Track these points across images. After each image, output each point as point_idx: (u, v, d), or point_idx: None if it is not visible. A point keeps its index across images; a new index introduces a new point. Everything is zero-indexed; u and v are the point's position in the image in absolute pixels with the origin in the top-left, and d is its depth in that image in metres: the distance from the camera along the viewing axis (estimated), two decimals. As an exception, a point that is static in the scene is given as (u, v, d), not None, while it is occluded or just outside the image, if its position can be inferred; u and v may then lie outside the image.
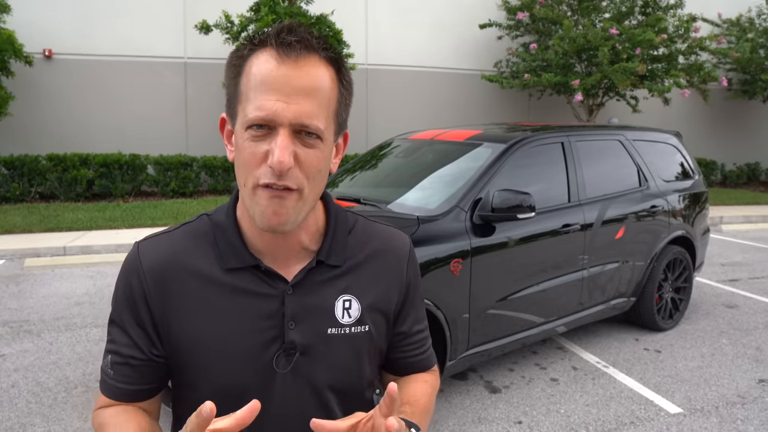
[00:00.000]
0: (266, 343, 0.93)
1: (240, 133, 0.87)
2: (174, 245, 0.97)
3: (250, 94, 0.85)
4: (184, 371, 0.96)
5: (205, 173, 10.43)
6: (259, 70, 0.84)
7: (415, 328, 1.10)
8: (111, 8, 10.30)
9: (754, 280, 6.20)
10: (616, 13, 11.54)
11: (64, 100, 10.21)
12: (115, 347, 0.96)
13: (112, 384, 0.96)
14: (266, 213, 0.86)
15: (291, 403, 0.95)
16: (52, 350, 4.01)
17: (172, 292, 0.94)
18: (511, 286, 3.42)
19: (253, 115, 0.83)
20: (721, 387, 3.64)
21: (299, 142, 0.85)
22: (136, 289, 0.94)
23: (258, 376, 0.93)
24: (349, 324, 0.97)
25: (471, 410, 3.30)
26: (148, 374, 0.97)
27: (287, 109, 0.83)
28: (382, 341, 1.04)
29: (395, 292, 1.04)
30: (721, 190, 13.32)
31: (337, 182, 4.30)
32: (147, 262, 0.95)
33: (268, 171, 0.84)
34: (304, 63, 0.84)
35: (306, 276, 0.95)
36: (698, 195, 4.95)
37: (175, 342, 0.94)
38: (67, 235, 7.41)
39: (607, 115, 12.76)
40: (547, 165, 3.88)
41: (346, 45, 9.80)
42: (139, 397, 0.98)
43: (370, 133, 11.80)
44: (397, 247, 1.06)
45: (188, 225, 1.00)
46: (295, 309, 0.94)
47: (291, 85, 0.83)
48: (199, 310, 0.93)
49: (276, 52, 0.84)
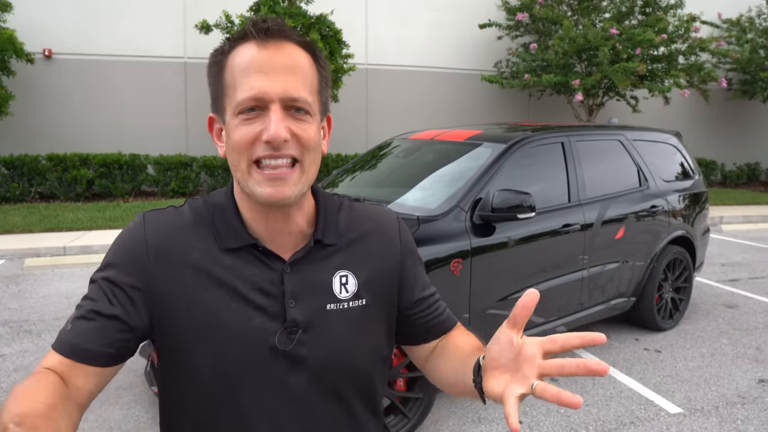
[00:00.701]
0: (267, 321, 0.93)
1: (231, 122, 0.89)
2: (178, 220, 0.97)
3: (237, 81, 0.87)
4: (180, 352, 0.93)
5: (205, 173, 10.43)
6: (242, 59, 0.88)
7: (425, 293, 1.09)
8: (111, 8, 10.30)
9: (754, 280, 6.20)
10: (616, 13, 11.54)
11: (64, 100, 10.21)
12: (89, 304, 0.90)
13: (66, 339, 0.88)
14: (266, 190, 0.87)
15: (293, 381, 0.94)
16: (52, 350, 4.01)
17: (172, 266, 0.93)
18: (512, 286, 3.42)
19: (242, 97, 0.86)
20: (721, 387, 3.64)
21: (291, 118, 0.87)
22: (137, 254, 0.92)
23: (260, 354, 0.92)
24: (347, 299, 0.98)
25: (471, 410, 3.30)
26: (112, 336, 0.88)
27: (274, 85, 0.85)
28: (387, 317, 1.04)
29: (393, 266, 1.05)
30: (721, 190, 13.32)
31: (337, 182, 4.29)
32: (151, 232, 0.94)
33: (263, 146, 0.86)
34: (283, 45, 0.88)
35: (304, 255, 0.97)
36: (698, 195, 4.95)
37: (172, 319, 0.92)
38: (67, 235, 7.41)
39: (607, 115, 12.76)
40: (547, 165, 3.88)
41: (345, 45, 9.79)
42: (89, 357, 0.87)
43: (370, 133, 11.80)
44: (386, 223, 1.08)
45: (193, 203, 1.01)
46: (294, 287, 0.95)
47: (274, 64, 0.86)
48: (199, 287, 0.92)
49: (255, 40, 0.87)
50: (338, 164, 10.67)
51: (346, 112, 11.16)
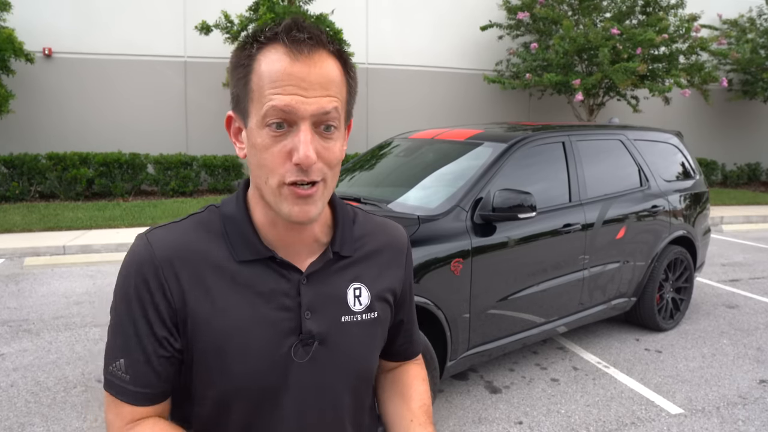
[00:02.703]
0: (284, 333, 0.92)
1: (256, 132, 0.86)
2: (186, 233, 0.94)
3: (265, 91, 0.84)
4: (201, 364, 0.92)
5: (205, 172, 10.42)
6: (273, 68, 0.84)
7: (410, 316, 1.16)
8: (111, 7, 10.29)
9: (755, 281, 6.19)
10: (617, 12, 11.53)
11: (64, 99, 10.20)
12: (129, 350, 0.90)
13: (131, 390, 0.90)
14: (293, 210, 0.87)
15: (309, 394, 0.95)
16: (51, 350, 4.00)
17: (189, 282, 0.91)
18: (512, 286, 3.41)
19: (273, 112, 0.83)
20: (722, 387, 3.63)
21: (318, 137, 0.86)
22: (152, 280, 0.89)
23: (276, 367, 0.92)
24: (361, 311, 0.99)
25: (471, 410, 3.30)
26: (169, 371, 0.92)
27: (307, 102, 0.83)
28: (387, 329, 1.08)
29: (397, 282, 1.08)
30: (721, 190, 13.31)
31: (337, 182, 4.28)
32: (161, 251, 0.90)
33: (293, 168, 0.84)
34: (318, 58, 0.85)
35: (322, 266, 0.97)
36: (699, 195, 4.95)
37: (194, 332, 0.90)
38: (67, 234, 7.40)
39: (608, 115, 12.75)
40: (547, 164, 3.87)
41: (346, 44, 9.79)
42: (161, 398, 0.93)
43: (370, 133, 11.79)
44: (398, 239, 1.10)
45: (197, 215, 0.98)
46: (310, 299, 0.94)
47: (308, 81, 0.83)
48: (216, 301, 0.91)
49: (287, 48, 0.84)
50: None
51: (346, 111, 11.14)
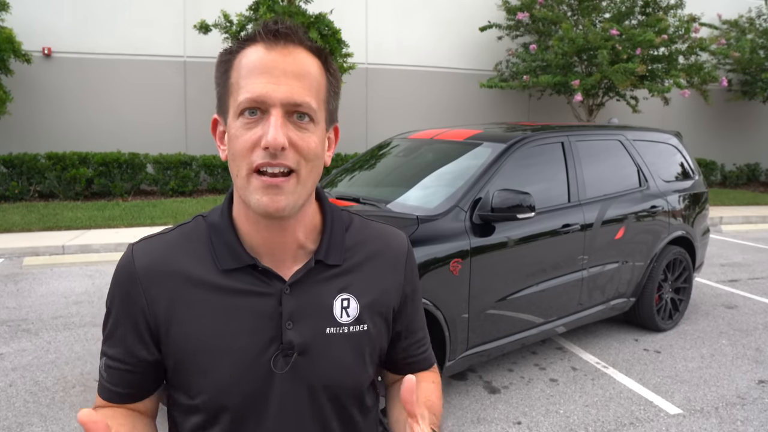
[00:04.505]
0: (264, 343, 0.91)
1: (232, 125, 0.87)
2: (169, 247, 0.95)
3: (241, 82, 0.85)
4: (182, 375, 0.94)
5: (205, 172, 10.42)
6: (249, 60, 0.85)
7: (416, 326, 1.10)
8: (111, 7, 10.29)
9: (754, 281, 6.20)
10: (616, 13, 11.53)
11: (63, 99, 10.20)
12: (109, 351, 0.95)
13: (106, 386, 0.96)
14: (262, 200, 0.84)
15: (290, 405, 0.93)
16: (50, 349, 4.00)
17: (168, 294, 0.92)
18: (511, 286, 3.41)
19: (243, 98, 0.84)
20: (720, 388, 3.64)
21: (292, 126, 0.85)
22: (131, 291, 0.92)
23: (256, 377, 0.91)
24: (348, 323, 0.96)
25: (470, 410, 3.30)
26: (142, 378, 0.96)
27: (277, 89, 0.83)
28: (382, 341, 1.03)
29: (394, 292, 1.03)
30: (720, 190, 13.32)
31: (336, 182, 4.28)
32: (141, 265, 0.93)
33: (262, 153, 0.83)
34: (292, 50, 0.86)
35: (304, 275, 0.94)
36: (698, 195, 4.95)
37: (173, 344, 0.92)
38: (66, 233, 7.39)
39: (607, 116, 12.76)
40: (547, 165, 3.87)
41: (345, 44, 9.78)
42: (133, 398, 0.97)
43: (370, 133, 11.79)
44: (395, 246, 1.05)
45: (184, 226, 0.99)
46: (292, 308, 0.92)
47: (280, 68, 0.84)
48: (195, 311, 0.91)
49: (264, 42, 0.85)
50: (338, 164, 10.65)
51: (346, 111, 11.15)
